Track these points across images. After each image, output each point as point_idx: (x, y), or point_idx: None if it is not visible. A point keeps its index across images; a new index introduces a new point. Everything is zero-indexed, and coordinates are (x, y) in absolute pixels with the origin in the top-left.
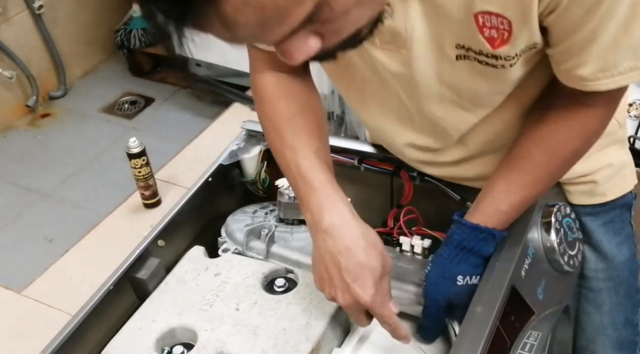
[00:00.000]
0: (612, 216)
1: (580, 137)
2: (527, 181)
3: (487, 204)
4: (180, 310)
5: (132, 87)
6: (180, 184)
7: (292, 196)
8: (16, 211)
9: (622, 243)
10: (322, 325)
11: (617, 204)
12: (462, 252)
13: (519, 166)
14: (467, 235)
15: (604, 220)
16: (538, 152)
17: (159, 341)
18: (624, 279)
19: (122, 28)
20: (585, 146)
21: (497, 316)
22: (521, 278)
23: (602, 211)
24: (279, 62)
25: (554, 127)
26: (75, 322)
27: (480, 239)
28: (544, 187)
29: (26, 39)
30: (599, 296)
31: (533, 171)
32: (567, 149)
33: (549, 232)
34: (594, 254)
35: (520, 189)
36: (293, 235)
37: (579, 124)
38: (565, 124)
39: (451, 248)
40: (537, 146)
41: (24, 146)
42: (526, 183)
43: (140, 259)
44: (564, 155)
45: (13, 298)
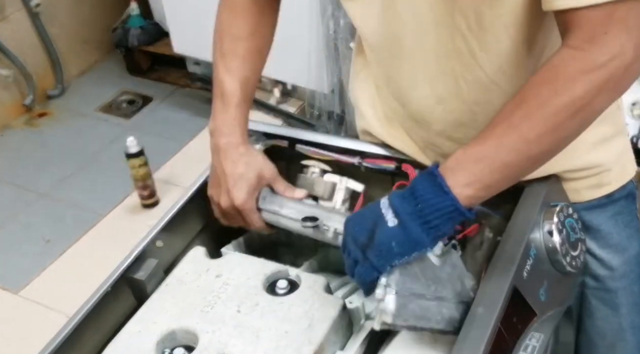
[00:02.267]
0: (620, 207)
1: (587, 72)
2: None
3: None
4: (181, 312)
5: (130, 86)
6: (178, 184)
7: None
8: (13, 211)
9: (632, 236)
10: (325, 328)
11: (622, 194)
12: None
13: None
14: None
15: (612, 212)
16: (543, 88)
17: (159, 344)
18: (637, 276)
19: (120, 26)
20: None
21: (498, 318)
22: (523, 278)
23: (609, 202)
24: None
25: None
26: (73, 324)
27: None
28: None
29: (23, 37)
30: (615, 297)
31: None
32: (575, 88)
33: (551, 232)
34: (605, 250)
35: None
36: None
37: (580, 55)
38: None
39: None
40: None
41: (21, 145)
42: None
43: (139, 260)
44: (572, 94)
45: (10, 298)
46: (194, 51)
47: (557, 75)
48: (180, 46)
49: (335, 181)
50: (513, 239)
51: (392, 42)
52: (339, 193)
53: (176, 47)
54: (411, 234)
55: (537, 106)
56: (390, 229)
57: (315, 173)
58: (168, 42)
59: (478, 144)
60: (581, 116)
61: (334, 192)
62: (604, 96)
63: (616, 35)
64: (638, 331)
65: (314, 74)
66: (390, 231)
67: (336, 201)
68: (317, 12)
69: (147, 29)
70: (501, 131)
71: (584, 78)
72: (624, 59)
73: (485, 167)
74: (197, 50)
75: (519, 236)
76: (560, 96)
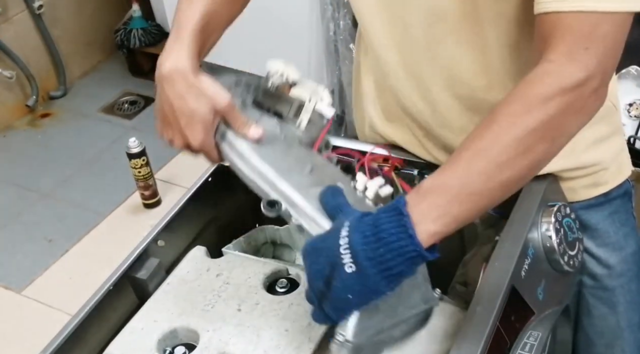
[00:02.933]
0: (616, 206)
1: (558, 92)
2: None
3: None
4: (182, 311)
5: (131, 87)
6: (180, 184)
7: (276, 86)
8: (16, 211)
9: (629, 235)
10: (325, 326)
11: (619, 193)
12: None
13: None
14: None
15: (609, 211)
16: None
17: (160, 342)
18: (634, 274)
19: (122, 28)
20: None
21: (497, 316)
22: (521, 278)
23: (605, 200)
24: None
25: (524, 84)
26: (75, 322)
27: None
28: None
29: (26, 38)
30: (612, 295)
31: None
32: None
33: (549, 232)
34: (602, 249)
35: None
36: (258, 123)
37: (552, 76)
38: (537, 77)
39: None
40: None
41: (24, 145)
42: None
43: (140, 259)
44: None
45: (13, 298)
46: None
47: (530, 92)
48: None
49: (303, 100)
50: (511, 239)
51: (394, 31)
52: (305, 115)
53: None
54: (369, 283)
55: (507, 126)
56: (348, 278)
57: (279, 83)
58: None
59: (446, 171)
60: (553, 137)
61: (300, 111)
62: (576, 117)
63: (596, 54)
64: (636, 329)
65: (314, 74)
66: (347, 279)
67: (301, 121)
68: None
69: (149, 30)
70: (470, 155)
71: (558, 97)
72: (596, 81)
73: (454, 198)
74: None
75: (517, 236)
76: (531, 114)
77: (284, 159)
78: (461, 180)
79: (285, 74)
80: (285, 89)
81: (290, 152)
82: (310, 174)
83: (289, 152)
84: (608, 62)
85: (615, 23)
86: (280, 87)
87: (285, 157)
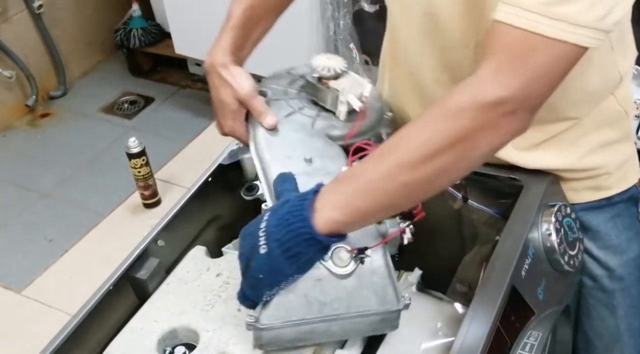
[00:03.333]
0: (619, 209)
1: (468, 108)
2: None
3: None
4: (182, 311)
5: (131, 87)
6: (180, 184)
7: (317, 78)
8: (16, 211)
9: (632, 239)
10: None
11: (622, 198)
12: None
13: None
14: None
15: (612, 213)
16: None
17: (160, 342)
18: (636, 278)
19: (122, 28)
20: (477, 131)
21: (497, 316)
22: (521, 277)
23: (607, 204)
24: None
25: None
26: (75, 322)
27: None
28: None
29: (26, 38)
30: (613, 298)
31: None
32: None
33: (549, 232)
34: (603, 251)
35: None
36: (297, 113)
37: (473, 89)
38: (458, 88)
39: None
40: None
41: (24, 145)
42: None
43: (140, 259)
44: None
45: (12, 297)
46: (195, 52)
47: (449, 101)
48: (181, 47)
49: (337, 90)
50: (511, 239)
51: None
52: (342, 106)
53: (178, 48)
54: (275, 264)
55: (419, 129)
56: (260, 258)
57: (322, 75)
58: (170, 44)
59: (362, 163)
60: (461, 150)
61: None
62: (488, 135)
63: (522, 78)
64: (636, 334)
65: None
66: (260, 260)
67: (339, 112)
68: (317, 13)
69: (149, 30)
70: (382, 152)
71: (471, 113)
72: (514, 104)
73: (358, 191)
74: (198, 51)
75: (518, 236)
76: (441, 124)
77: (294, 147)
78: (368, 174)
79: (329, 67)
80: (328, 82)
81: (305, 143)
82: (308, 164)
83: (305, 143)
84: (535, 90)
85: (554, 53)
86: (324, 80)
87: (295, 146)
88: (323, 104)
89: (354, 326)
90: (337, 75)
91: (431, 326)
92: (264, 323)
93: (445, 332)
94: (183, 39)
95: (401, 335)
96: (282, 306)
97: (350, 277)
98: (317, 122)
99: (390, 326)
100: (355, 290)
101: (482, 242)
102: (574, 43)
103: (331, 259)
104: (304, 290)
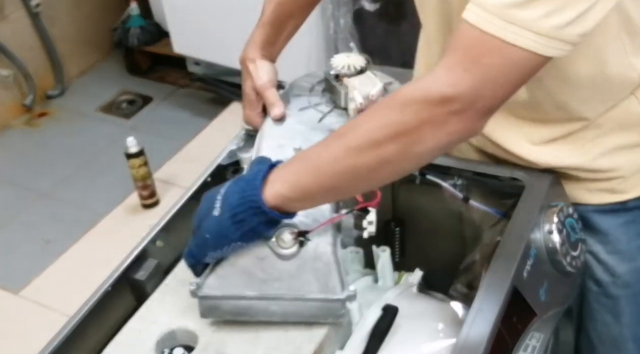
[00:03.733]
0: (634, 216)
1: (410, 102)
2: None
3: None
4: (181, 312)
5: (130, 86)
6: (178, 184)
7: (334, 76)
8: (13, 211)
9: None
10: (325, 327)
11: (638, 204)
12: None
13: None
14: None
15: (626, 219)
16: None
17: (159, 343)
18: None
19: (120, 26)
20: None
21: (498, 318)
22: (523, 279)
23: (622, 208)
24: None
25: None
26: (73, 323)
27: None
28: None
29: (23, 37)
30: (617, 304)
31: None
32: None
33: (552, 232)
34: (611, 256)
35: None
36: (324, 118)
37: (423, 83)
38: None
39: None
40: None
41: (21, 145)
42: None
43: (139, 260)
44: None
45: (10, 298)
46: (194, 51)
47: (401, 92)
48: (180, 46)
49: (347, 86)
50: (513, 239)
51: None
52: (351, 103)
53: (176, 47)
54: (222, 227)
55: (369, 117)
56: (211, 220)
57: (338, 73)
58: (168, 43)
59: (317, 144)
60: (404, 143)
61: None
62: (433, 131)
63: (472, 79)
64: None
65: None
66: (210, 221)
67: (350, 109)
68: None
69: (147, 29)
70: (334, 135)
71: (416, 106)
72: (461, 104)
73: (307, 170)
74: (197, 51)
75: (519, 236)
76: (388, 114)
77: (291, 138)
78: (317, 155)
79: (348, 64)
80: (342, 79)
81: (304, 135)
82: (294, 153)
83: (304, 135)
84: (486, 91)
85: (509, 57)
86: (340, 77)
87: (293, 137)
88: (338, 101)
89: (294, 308)
90: (356, 73)
91: (432, 327)
92: (204, 292)
93: (447, 333)
94: (181, 38)
95: (402, 336)
96: (223, 278)
97: (293, 259)
98: (327, 117)
99: (334, 316)
100: (296, 273)
101: (483, 243)
102: (529, 49)
103: (275, 239)
104: (246, 266)
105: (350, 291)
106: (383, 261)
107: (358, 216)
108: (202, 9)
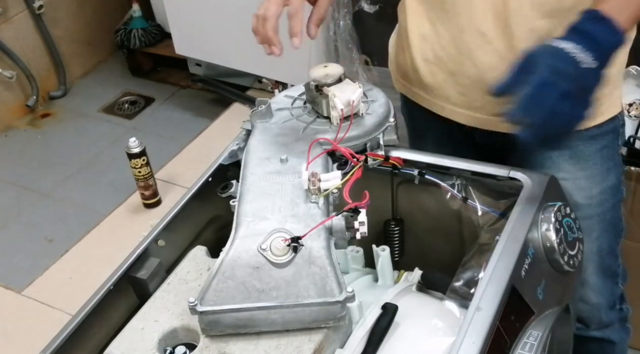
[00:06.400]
0: (607, 141)
1: None
2: None
3: None
4: (183, 310)
5: (132, 87)
6: (180, 184)
7: (314, 87)
8: (16, 211)
9: (611, 169)
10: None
11: (610, 128)
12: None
13: None
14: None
15: (601, 144)
16: None
17: (161, 342)
18: (610, 205)
19: (122, 28)
20: None
21: (497, 316)
22: (521, 277)
23: (599, 134)
24: None
25: None
26: (76, 322)
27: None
28: None
29: (26, 39)
30: (590, 223)
31: None
32: None
33: (549, 232)
34: (589, 180)
35: None
36: (307, 128)
37: None
38: None
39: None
40: None
41: (24, 145)
42: None
43: (141, 259)
44: None
45: (13, 297)
46: (195, 52)
47: None
48: (181, 48)
49: (328, 95)
50: (511, 239)
51: None
52: (333, 112)
53: (178, 48)
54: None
55: None
56: (584, 72)
57: (319, 84)
58: (170, 44)
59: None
60: None
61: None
62: None
63: None
64: (605, 255)
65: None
66: (583, 74)
67: (332, 117)
68: None
69: (149, 30)
70: None
71: None
72: None
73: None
74: (198, 52)
75: (517, 236)
76: None
77: (276, 150)
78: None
79: (326, 74)
80: (322, 89)
81: (289, 146)
82: (282, 164)
83: (288, 146)
84: None
85: None
86: (320, 87)
87: (278, 149)
88: (320, 111)
89: (295, 315)
90: (335, 82)
91: (431, 325)
92: (203, 307)
93: (445, 331)
94: (183, 40)
95: (402, 334)
96: (221, 292)
97: (289, 266)
98: (309, 127)
99: (335, 318)
100: (293, 279)
101: (481, 242)
102: None
103: (270, 248)
104: (242, 278)
105: (348, 292)
106: (383, 260)
107: (348, 218)
108: (204, 11)
